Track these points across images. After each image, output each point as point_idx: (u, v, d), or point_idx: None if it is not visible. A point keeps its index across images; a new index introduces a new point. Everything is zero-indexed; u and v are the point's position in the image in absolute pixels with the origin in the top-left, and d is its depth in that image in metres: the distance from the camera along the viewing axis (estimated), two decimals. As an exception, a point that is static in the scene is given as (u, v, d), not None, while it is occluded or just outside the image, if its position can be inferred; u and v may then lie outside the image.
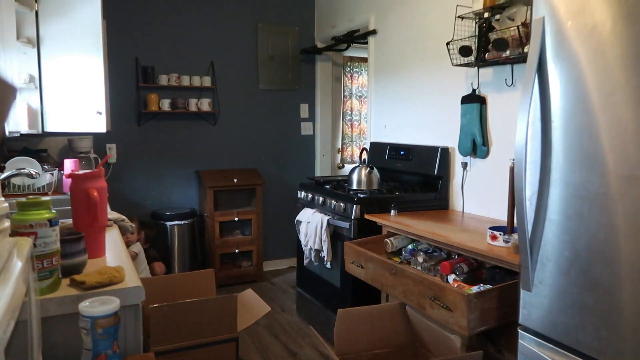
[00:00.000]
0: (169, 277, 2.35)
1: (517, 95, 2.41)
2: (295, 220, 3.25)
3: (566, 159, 1.37)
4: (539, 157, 1.45)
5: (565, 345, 1.40)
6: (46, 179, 2.61)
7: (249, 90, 4.30)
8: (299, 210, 3.26)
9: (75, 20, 2.76)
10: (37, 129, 2.74)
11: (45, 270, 1.11)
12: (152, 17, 3.91)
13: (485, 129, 2.63)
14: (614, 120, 1.25)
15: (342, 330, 1.88)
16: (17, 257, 0.68)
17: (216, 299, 1.71)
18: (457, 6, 2.58)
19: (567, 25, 1.36)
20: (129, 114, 3.90)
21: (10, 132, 2.24)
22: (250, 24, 4.26)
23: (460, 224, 2.49)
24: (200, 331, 1.62)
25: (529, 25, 2.09)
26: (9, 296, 0.54)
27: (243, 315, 1.87)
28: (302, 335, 3.15)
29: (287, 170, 4.50)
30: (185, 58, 4.04)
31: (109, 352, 0.98)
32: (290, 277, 4.24)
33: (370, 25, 3.63)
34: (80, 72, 2.80)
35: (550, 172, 1.42)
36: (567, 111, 1.37)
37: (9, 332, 0.50)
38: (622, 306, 1.25)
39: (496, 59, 2.38)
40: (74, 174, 1.43)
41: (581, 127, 1.33)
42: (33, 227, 1.09)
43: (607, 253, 1.27)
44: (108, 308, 0.98)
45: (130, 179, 3.96)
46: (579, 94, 1.33)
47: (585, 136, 1.32)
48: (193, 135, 4.13)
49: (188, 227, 3.92)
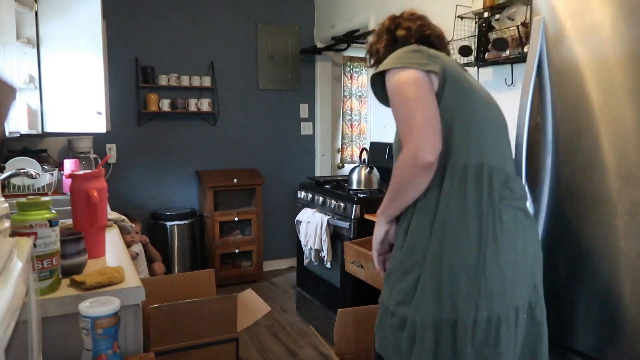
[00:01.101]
0: (169, 277, 2.36)
1: (517, 95, 2.40)
2: (295, 220, 3.25)
3: (566, 158, 1.37)
4: (539, 157, 1.45)
5: (565, 345, 1.40)
6: (46, 179, 2.61)
7: (248, 90, 4.30)
8: (299, 210, 3.26)
9: (75, 20, 2.76)
10: (37, 129, 2.74)
11: (46, 270, 1.11)
12: (152, 17, 3.91)
13: (485, 128, 2.63)
14: (614, 120, 1.25)
15: (342, 330, 1.88)
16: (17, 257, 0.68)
17: (216, 299, 1.71)
18: (457, 6, 2.58)
19: (566, 25, 1.36)
20: (129, 114, 3.90)
21: (10, 132, 2.24)
22: (250, 24, 4.26)
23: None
24: (200, 331, 1.62)
25: (528, 25, 2.09)
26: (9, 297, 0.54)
27: (243, 315, 1.87)
28: (302, 335, 3.15)
29: (287, 170, 4.50)
30: (185, 58, 4.03)
31: (109, 352, 0.98)
32: (290, 277, 4.24)
33: (370, 25, 3.62)
34: (80, 72, 2.80)
35: (549, 171, 1.42)
36: (566, 111, 1.37)
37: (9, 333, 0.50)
38: (622, 306, 1.25)
39: (496, 59, 2.38)
40: (74, 174, 1.43)
41: (581, 127, 1.33)
42: (33, 227, 1.09)
43: (607, 253, 1.27)
44: (108, 308, 0.98)
45: (130, 179, 3.96)
46: (578, 94, 1.33)
47: (585, 136, 1.32)
48: (193, 136, 4.13)
49: (188, 227, 3.92)
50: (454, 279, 1.14)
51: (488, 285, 1.13)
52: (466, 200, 1.16)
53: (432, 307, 1.15)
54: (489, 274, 1.14)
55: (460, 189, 1.17)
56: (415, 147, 1.12)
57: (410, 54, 1.23)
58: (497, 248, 1.15)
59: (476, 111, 1.24)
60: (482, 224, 1.15)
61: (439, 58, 1.23)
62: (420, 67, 1.18)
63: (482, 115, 1.25)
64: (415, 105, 1.15)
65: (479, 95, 1.28)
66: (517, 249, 1.17)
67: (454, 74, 1.23)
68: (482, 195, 1.17)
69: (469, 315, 1.13)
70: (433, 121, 1.14)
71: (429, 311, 1.16)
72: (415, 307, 1.18)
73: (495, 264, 1.14)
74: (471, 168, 1.18)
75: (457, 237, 1.15)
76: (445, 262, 1.15)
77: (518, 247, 1.18)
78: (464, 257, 1.14)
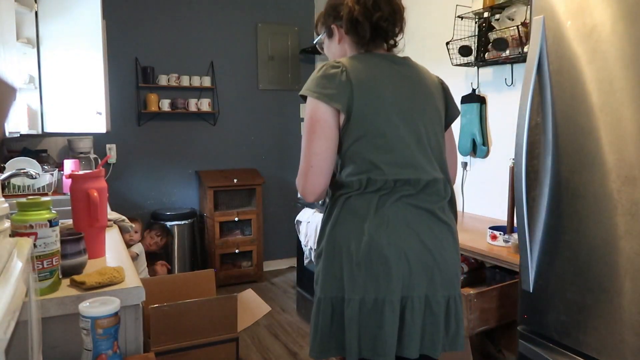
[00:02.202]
0: (169, 277, 2.36)
1: (517, 95, 2.40)
2: (295, 220, 3.25)
3: (566, 158, 1.37)
4: (539, 157, 1.45)
5: (565, 345, 1.40)
6: (46, 179, 2.61)
7: (248, 90, 4.30)
8: (299, 210, 3.26)
9: (75, 20, 2.76)
10: (37, 130, 2.74)
11: (46, 270, 1.11)
12: (152, 17, 3.91)
13: (485, 128, 2.63)
14: (614, 120, 1.25)
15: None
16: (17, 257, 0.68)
17: (216, 299, 1.71)
18: (457, 6, 2.58)
19: (566, 25, 1.36)
20: (129, 114, 3.90)
21: (10, 133, 2.24)
22: (250, 24, 4.26)
23: (460, 224, 2.49)
24: (200, 331, 1.62)
25: (528, 25, 2.09)
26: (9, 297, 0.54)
27: (243, 315, 1.87)
28: (302, 335, 3.15)
29: (287, 170, 4.50)
30: (185, 58, 4.03)
31: (109, 352, 0.98)
32: (290, 277, 4.24)
33: (370, 25, 3.62)
34: (80, 72, 2.80)
35: (549, 171, 1.42)
36: (566, 111, 1.37)
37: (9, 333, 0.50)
38: (622, 306, 1.25)
39: (496, 59, 2.38)
40: (74, 175, 1.43)
41: (581, 127, 1.33)
42: (33, 227, 1.09)
43: (607, 253, 1.28)
44: (108, 308, 0.98)
45: (130, 179, 3.96)
46: (578, 94, 1.33)
47: (585, 136, 1.32)
48: (193, 136, 4.13)
49: (188, 227, 3.92)
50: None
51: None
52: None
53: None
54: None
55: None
56: (302, 189, 1.32)
57: (324, 81, 1.27)
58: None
59: (385, 131, 1.27)
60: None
61: (350, 83, 1.25)
62: (327, 101, 1.25)
63: (394, 133, 1.27)
64: (311, 148, 1.27)
65: (392, 110, 1.28)
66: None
67: (362, 102, 1.25)
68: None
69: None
70: (322, 166, 1.27)
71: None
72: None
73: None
74: (379, 182, 1.25)
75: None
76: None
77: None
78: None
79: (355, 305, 1.23)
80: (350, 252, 1.25)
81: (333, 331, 1.29)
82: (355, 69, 1.28)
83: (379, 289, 1.22)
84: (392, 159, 1.26)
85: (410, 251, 1.23)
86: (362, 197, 1.27)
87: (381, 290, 1.22)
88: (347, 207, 1.28)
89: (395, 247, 1.23)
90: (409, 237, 1.24)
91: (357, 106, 1.25)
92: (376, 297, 1.22)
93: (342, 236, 1.27)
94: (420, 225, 1.26)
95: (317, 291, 1.33)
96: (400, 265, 1.23)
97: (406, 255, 1.23)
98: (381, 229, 1.23)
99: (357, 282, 1.23)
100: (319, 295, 1.31)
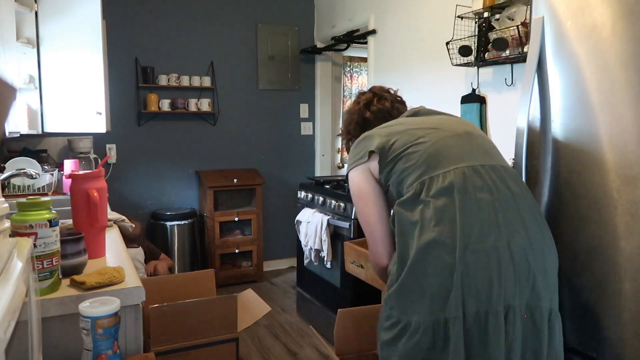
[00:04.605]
0: (169, 277, 2.36)
1: (517, 95, 2.41)
2: (295, 220, 3.25)
3: (566, 158, 1.37)
4: (539, 157, 1.45)
5: (565, 345, 1.40)
6: (46, 179, 2.61)
7: (248, 90, 4.30)
8: (299, 210, 3.26)
9: (75, 20, 2.76)
10: (37, 130, 2.74)
11: (46, 270, 1.11)
12: (152, 17, 3.91)
13: (485, 128, 2.63)
14: (613, 120, 1.25)
15: (342, 330, 1.88)
16: (17, 257, 0.68)
17: (216, 299, 1.71)
18: (457, 6, 2.58)
19: (566, 25, 1.36)
20: (129, 114, 3.90)
21: (10, 133, 2.24)
22: (250, 24, 4.26)
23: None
24: (200, 331, 1.62)
25: (528, 24, 2.09)
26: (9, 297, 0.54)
27: (243, 315, 1.87)
28: (302, 335, 3.15)
29: (287, 170, 4.50)
30: (185, 58, 4.04)
31: (109, 352, 0.98)
32: (290, 277, 4.24)
33: (370, 25, 3.63)
34: (80, 72, 2.80)
35: (549, 171, 1.42)
36: (566, 111, 1.37)
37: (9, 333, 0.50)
38: (622, 306, 1.25)
39: (496, 59, 2.38)
40: (74, 175, 1.43)
41: (581, 127, 1.33)
42: (33, 227, 1.09)
43: (607, 253, 1.27)
44: (108, 308, 0.98)
45: (130, 179, 3.96)
46: (578, 93, 1.33)
47: (584, 136, 1.32)
48: (193, 136, 4.13)
49: (188, 227, 3.92)
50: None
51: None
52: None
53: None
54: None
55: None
56: (374, 256, 1.43)
57: (356, 151, 1.41)
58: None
59: (419, 163, 1.31)
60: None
61: (371, 140, 1.37)
62: (362, 163, 1.37)
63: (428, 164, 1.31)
64: (368, 213, 1.38)
65: (422, 142, 1.33)
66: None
67: (386, 144, 1.34)
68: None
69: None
70: (383, 230, 1.37)
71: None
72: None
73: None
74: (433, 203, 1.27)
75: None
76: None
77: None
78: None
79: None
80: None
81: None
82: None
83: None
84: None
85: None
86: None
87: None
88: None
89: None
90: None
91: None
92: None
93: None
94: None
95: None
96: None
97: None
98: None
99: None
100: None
